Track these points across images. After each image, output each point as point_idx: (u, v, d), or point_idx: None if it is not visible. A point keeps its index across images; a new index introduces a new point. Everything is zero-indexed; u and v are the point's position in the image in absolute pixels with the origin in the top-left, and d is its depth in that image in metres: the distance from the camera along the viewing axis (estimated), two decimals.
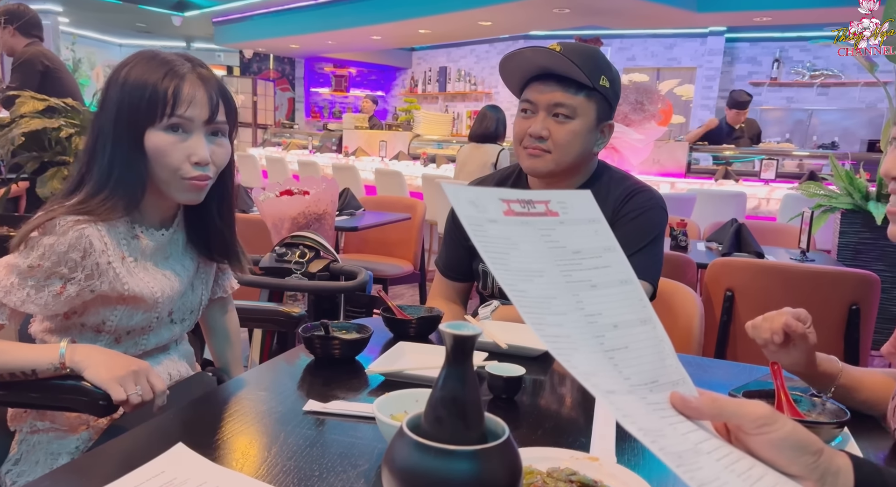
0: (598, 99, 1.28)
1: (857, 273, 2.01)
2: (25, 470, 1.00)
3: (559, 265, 0.49)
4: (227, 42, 10.23)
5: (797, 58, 8.37)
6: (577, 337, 0.47)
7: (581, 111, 1.26)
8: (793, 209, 3.53)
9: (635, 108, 4.08)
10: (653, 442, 0.45)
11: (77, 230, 0.92)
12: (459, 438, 0.51)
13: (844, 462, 0.50)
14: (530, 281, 0.48)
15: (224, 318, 1.29)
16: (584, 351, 0.47)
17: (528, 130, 1.28)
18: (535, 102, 1.28)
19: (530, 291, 0.47)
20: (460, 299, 1.48)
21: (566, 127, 1.26)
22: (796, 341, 0.87)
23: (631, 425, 0.45)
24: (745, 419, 0.49)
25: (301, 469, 0.71)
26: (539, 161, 1.29)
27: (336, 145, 6.91)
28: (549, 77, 1.26)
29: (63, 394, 0.93)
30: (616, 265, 0.50)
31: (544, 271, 0.49)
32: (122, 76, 0.97)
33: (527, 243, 0.49)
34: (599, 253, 0.50)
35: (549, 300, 0.48)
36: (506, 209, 0.48)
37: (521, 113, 1.31)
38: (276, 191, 2.28)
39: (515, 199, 0.48)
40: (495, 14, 6.92)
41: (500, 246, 0.48)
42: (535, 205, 0.48)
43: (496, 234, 0.49)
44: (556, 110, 1.26)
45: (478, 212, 0.49)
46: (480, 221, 0.48)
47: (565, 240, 0.49)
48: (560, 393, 1.02)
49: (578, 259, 0.49)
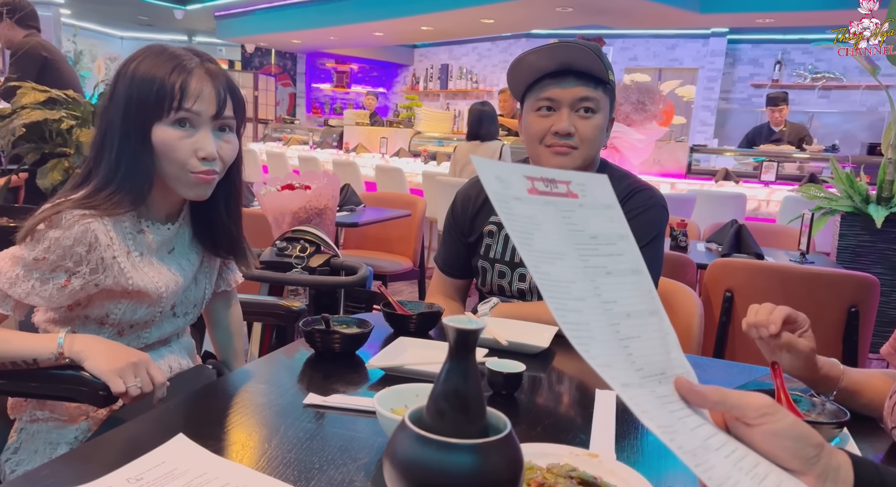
0: (610, 94, 1.30)
1: (856, 275, 2.01)
2: (24, 459, 1.00)
3: (578, 249, 0.49)
4: (228, 36, 10.21)
5: (799, 60, 8.37)
6: (594, 324, 0.48)
7: (602, 105, 1.28)
8: (793, 211, 3.54)
9: (637, 108, 4.07)
10: (671, 440, 0.45)
11: (83, 224, 0.93)
12: (461, 432, 0.51)
13: (844, 458, 0.50)
14: (552, 264, 0.48)
15: (227, 312, 1.29)
16: (600, 340, 0.47)
17: (552, 128, 1.26)
18: (557, 99, 1.26)
19: (552, 274, 0.48)
20: (459, 296, 1.48)
21: (591, 121, 1.26)
22: (795, 344, 0.87)
23: (650, 421, 0.46)
24: (747, 409, 0.49)
25: (301, 461, 0.71)
26: (567, 159, 1.28)
27: (337, 141, 6.91)
28: (567, 73, 1.26)
29: (62, 384, 0.93)
30: (628, 254, 0.50)
31: (565, 254, 0.49)
32: (130, 70, 0.96)
33: (549, 223, 0.49)
34: (614, 241, 0.50)
35: (569, 284, 0.48)
36: (530, 187, 0.49)
37: (538, 111, 1.29)
38: (277, 186, 2.28)
39: (539, 178, 0.49)
40: (498, 12, 6.91)
41: (525, 226, 0.48)
42: (557, 185, 0.48)
43: (521, 213, 0.49)
44: (581, 105, 1.25)
45: (504, 187, 0.49)
46: (507, 198, 0.49)
47: (584, 224, 0.49)
48: (559, 390, 1.02)
49: (595, 244, 0.49)
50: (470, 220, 1.42)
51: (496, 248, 1.38)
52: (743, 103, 8.70)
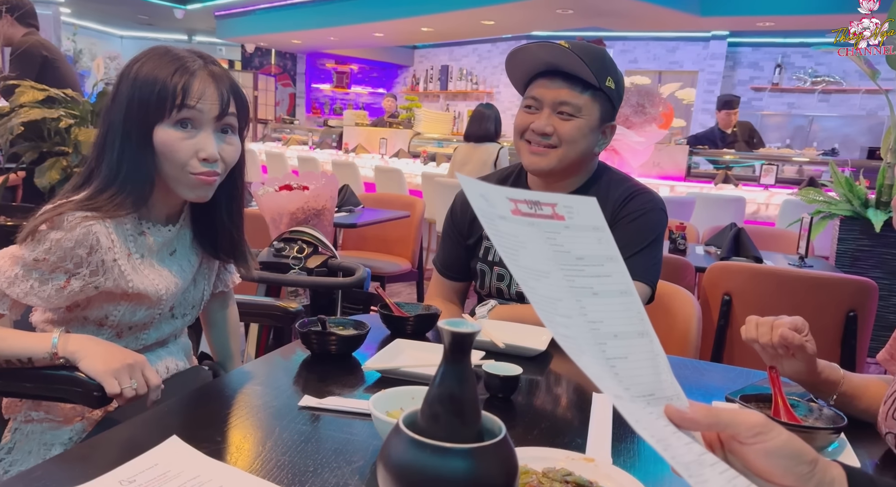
0: (603, 100, 1.27)
1: (855, 279, 2.01)
2: (18, 459, 0.99)
3: (563, 269, 0.49)
4: (229, 36, 10.21)
5: (799, 64, 8.38)
6: (581, 341, 0.48)
7: (585, 110, 1.26)
8: (792, 215, 3.54)
9: (636, 111, 4.07)
10: (665, 450, 0.45)
11: (85, 226, 0.92)
12: (456, 436, 0.51)
13: (839, 472, 0.50)
14: (538, 281, 0.48)
15: (224, 312, 1.28)
16: (589, 355, 0.48)
17: (531, 125, 1.27)
18: (539, 99, 1.27)
19: (539, 290, 0.48)
20: (458, 298, 1.48)
21: (571, 123, 1.26)
22: (795, 351, 0.86)
23: (643, 430, 0.46)
24: (740, 427, 0.49)
25: (295, 464, 0.71)
26: (542, 158, 1.28)
27: (336, 142, 6.90)
28: (556, 74, 1.26)
29: (56, 384, 0.93)
30: (616, 275, 0.50)
31: (550, 273, 0.49)
32: (133, 71, 0.96)
33: (533, 243, 0.49)
34: (602, 262, 0.50)
35: (555, 301, 0.48)
36: (513, 208, 0.49)
37: (525, 108, 1.30)
38: (275, 186, 2.28)
39: (523, 200, 0.49)
40: (498, 13, 6.92)
41: (511, 243, 0.49)
42: (542, 207, 0.48)
43: (506, 231, 0.49)
44: (560, 108, 1.26)
45: (489, 206, 0.49)
46: (492, 216, 0.49)
47: (570, 245, 0.49)
48: (556, 394, 1.02)
49: (581, 265, 0.49)
50: (469, 223, 1.41)
51: (495, 251, 1.37)
52: (743, 106, 8.65)
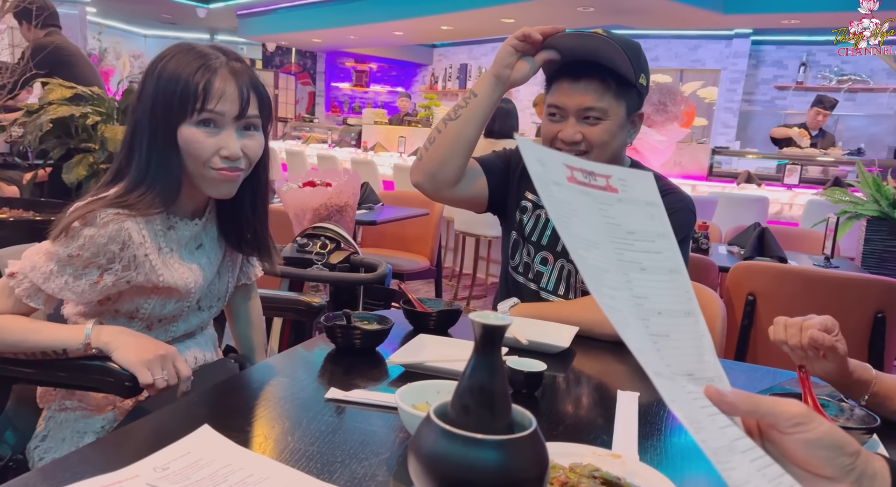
0: (629, 95, 1.26)
1: (883, 280, 1.97)
2: (52, 447, 1.02)
3: (613, 241, 0.49)
4: (250, 34, 10.30)
5: (824, 62, 8.22)
6: (627, 314, 0.48)
7: (611, 111, 1.25)
8: (816, 215, 3.48)
9: (658, 109, 4.04)
10: (697, 432, 0.45)
11: (117, 223, 0.94)
12: (486, 428, 0.51)
13: (881, 465, 0.49)
14: (588, 250, 0.48)
15: (248, 305, 1.30)
16: (633, 328, 0.47)
17: (559, 135, 1.27)
18: (563, 107, 1.26)
19: (588, 259, 0.48)
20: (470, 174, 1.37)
21: (599, 127, 1.25)
22: (826, 352, 0.85)
23: (678, 411, 0.46)
24: (780, 417, 0.48)
25: (324, 454, 0.71)
26: None
27: (355, 140, 6.94)
28: (580, 75, 1.24)
29: (90, 374, 0.95)
30: (667, 252, 0.50)
31: (599, 243, 0.49)
32: (157, 69, 0.97)
33: (585, 212, 0.49)
34: (652, 238, 0.49)
35: (603, 272, 0.48)
36: (569, 175, 0.49)
37: (549, 117, 1.29)
38: (298, 182, 2.30)
39: (579, 168, 0.49)
40: (518, 11, 6.90)
41: (563, 210, 0.49)
42: (596, 178, 0.48)
43: (560, 197, 0.49)
44: (585, 114, 1.25)
45: (545, 171, 0.49)
46: (547, 182, 0.49)
47: (621, 218, 0.49)
48: (580, 391, 1.02)
49: (632, 239, 0.49)
50: (518, 178, 1.40)
51: (528, 227, 1.38)
52: (766, 105, 8.57)
